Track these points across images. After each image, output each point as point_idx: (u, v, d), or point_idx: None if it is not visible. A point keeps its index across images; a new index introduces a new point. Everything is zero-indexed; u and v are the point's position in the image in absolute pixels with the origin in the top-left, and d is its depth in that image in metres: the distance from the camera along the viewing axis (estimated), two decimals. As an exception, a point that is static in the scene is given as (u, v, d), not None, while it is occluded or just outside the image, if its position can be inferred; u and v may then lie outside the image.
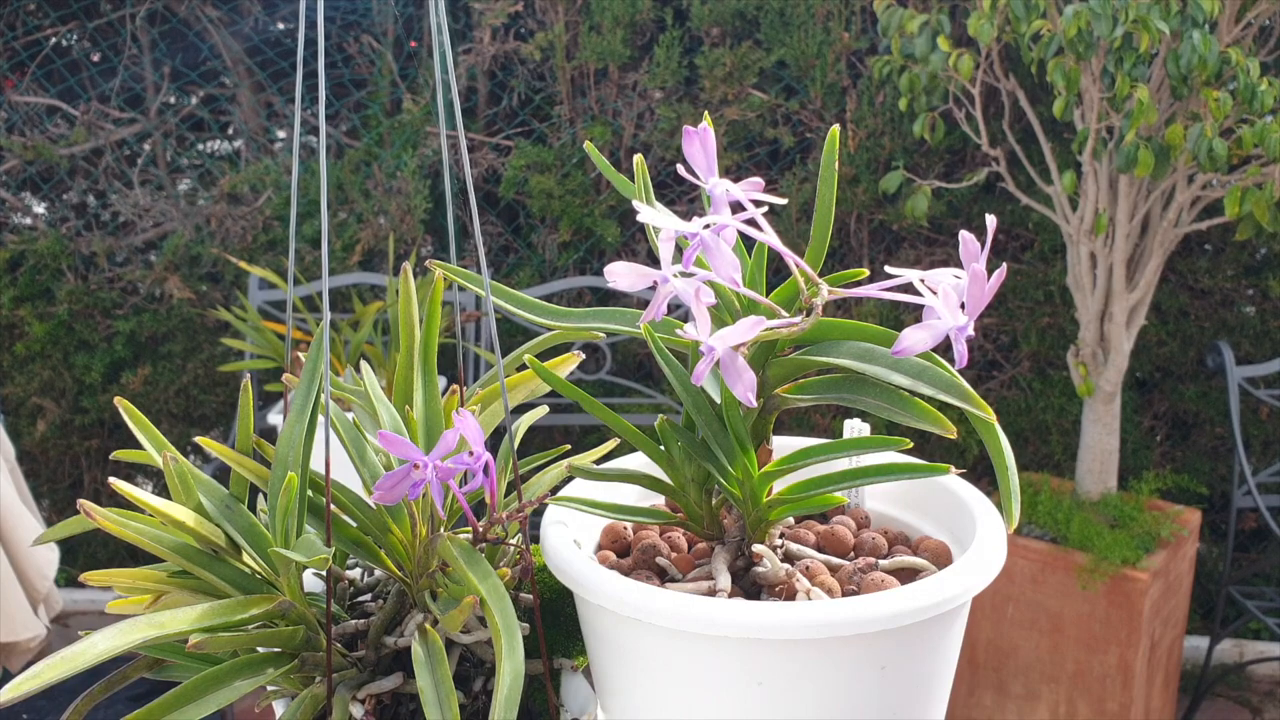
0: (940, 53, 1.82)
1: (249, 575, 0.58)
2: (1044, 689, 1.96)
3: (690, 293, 0.49)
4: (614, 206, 2.49)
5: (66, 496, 2.71)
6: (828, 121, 2.40)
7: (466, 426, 0.53)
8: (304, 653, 0.58)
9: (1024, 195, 1.99)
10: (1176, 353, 2.38)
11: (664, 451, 0.61)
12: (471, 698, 0.62)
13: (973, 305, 0.48)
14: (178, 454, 0.58)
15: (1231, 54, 1.59)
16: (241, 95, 2.63)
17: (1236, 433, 2.06)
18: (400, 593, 0.62)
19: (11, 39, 2.61)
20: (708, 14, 2.38)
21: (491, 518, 0.59)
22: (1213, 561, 2.43)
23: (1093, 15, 1.58)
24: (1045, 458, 2.43)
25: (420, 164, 2.50)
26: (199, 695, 0.53)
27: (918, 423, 0.52)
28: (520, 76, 2.54)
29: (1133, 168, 1.65)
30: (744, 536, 0.60)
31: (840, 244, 2.48)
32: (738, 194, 0.52)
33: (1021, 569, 1.91)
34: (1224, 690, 2.32)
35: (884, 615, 0.50)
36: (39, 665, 0.46)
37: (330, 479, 0.57)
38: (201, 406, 2.64)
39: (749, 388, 0.50)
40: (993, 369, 2.50)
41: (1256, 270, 2.33)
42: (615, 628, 0.55)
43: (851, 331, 0.56)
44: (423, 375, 0.64)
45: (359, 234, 2.52)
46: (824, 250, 0.57)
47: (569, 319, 0.62)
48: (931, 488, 0.66)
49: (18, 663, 1.78)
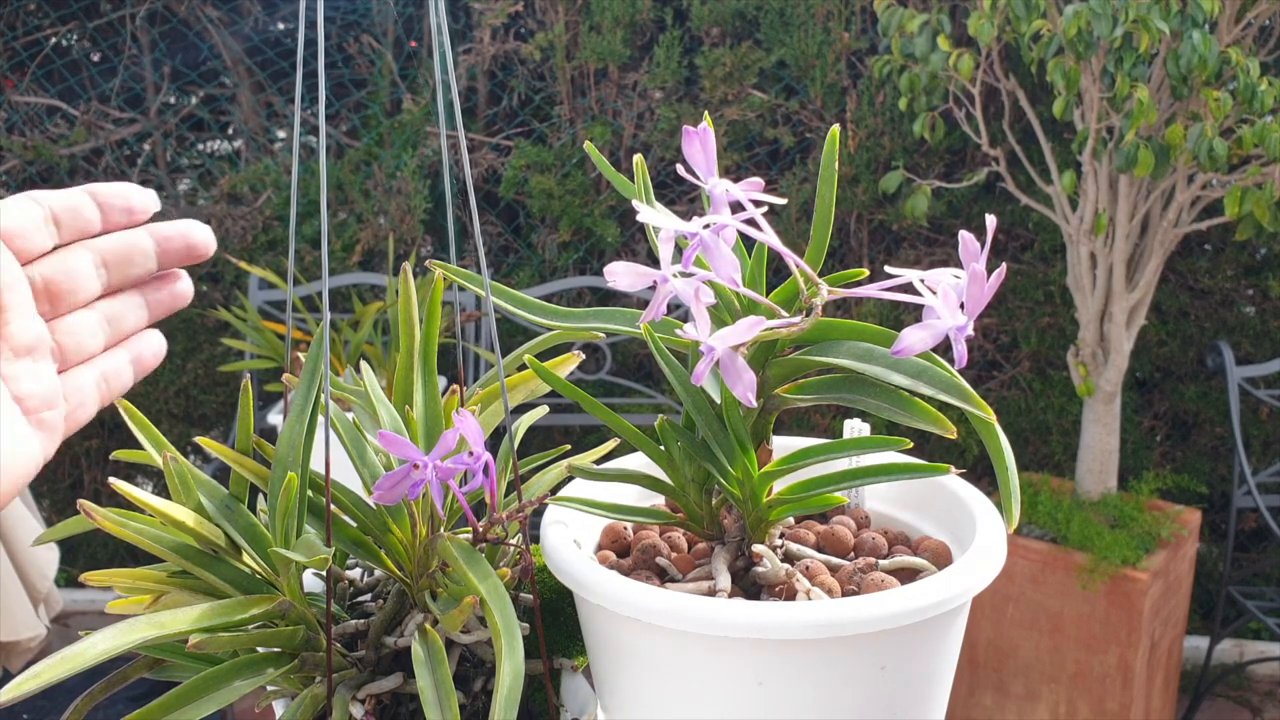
0: (940, 52, 1.82)
1: (249, 575, 0.58)
2: (1044, 689, 1.96)
3: (690, 293, 0.49)
4: (614, 206, 2.49)
5: (66, 496, 2.71)
6: (828, 121, 2.40)
7: (466, 426, 0.53)
8: (304, 653, 0.58)
9: (1024, 195, 1.99)
10: (1176, 353, 2.38)
11: (664, 451, 0.61)
12: (471, 698, 0.62)
13: (973, 305, 0.48)
14: (178, 454, 0.58)
15: (1231, 54, 1.59)
16: (241, 95, 2.63)
17: (1236, 433, 2.06)
18: (400, 593, 0.62)
19: (11, 39, 2.61)
20: (708, 14, 2.38)
21: (491, 518, 0.59)
22: (1213, 561, 2.43)
23: (1093, 15, 1.58)
24: (1045, 458, 2.43)
25: (420, 164, 2.50)
26: (199, 695, 0.53)
27: (918, 423, 0.52)
28: (520, 76, 2.54)
29: (1133, 168, 1.65)
30: (744, 536, 0.60)
31: (840, 244, 2.48)
32: (738, 194, 0.52)
33: (1021, 569, 1.91)
34: (1224, 690, 2.32)
35: (884, 615, 0.50)
36: (39, 665, 0.46)
37: (330, 479, 0.57)
38: (201, 406, 2.64)
39: (749, 388, 0.50)
40: (993, 369, 2.50)
41: (1256, 270, 2.33)
42: (615, 628, 0.55)
43: (851, 331, 0.56)
44: (423, 375, 0.64)
45: (359, 234, 2.52)
46: (824, 250, 0.57)
47: (569, 319, 0.62)
48: (931, 488, 0.66)
49: (18, 662, 1.79)
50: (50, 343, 0.46)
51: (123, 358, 0.50)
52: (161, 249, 0.49)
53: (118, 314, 0.49)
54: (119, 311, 0.49)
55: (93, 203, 0.47)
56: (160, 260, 0.49)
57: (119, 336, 0.50)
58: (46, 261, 0.46)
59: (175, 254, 0.50)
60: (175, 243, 0.49)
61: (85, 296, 0.48)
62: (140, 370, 0.50)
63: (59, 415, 0.46)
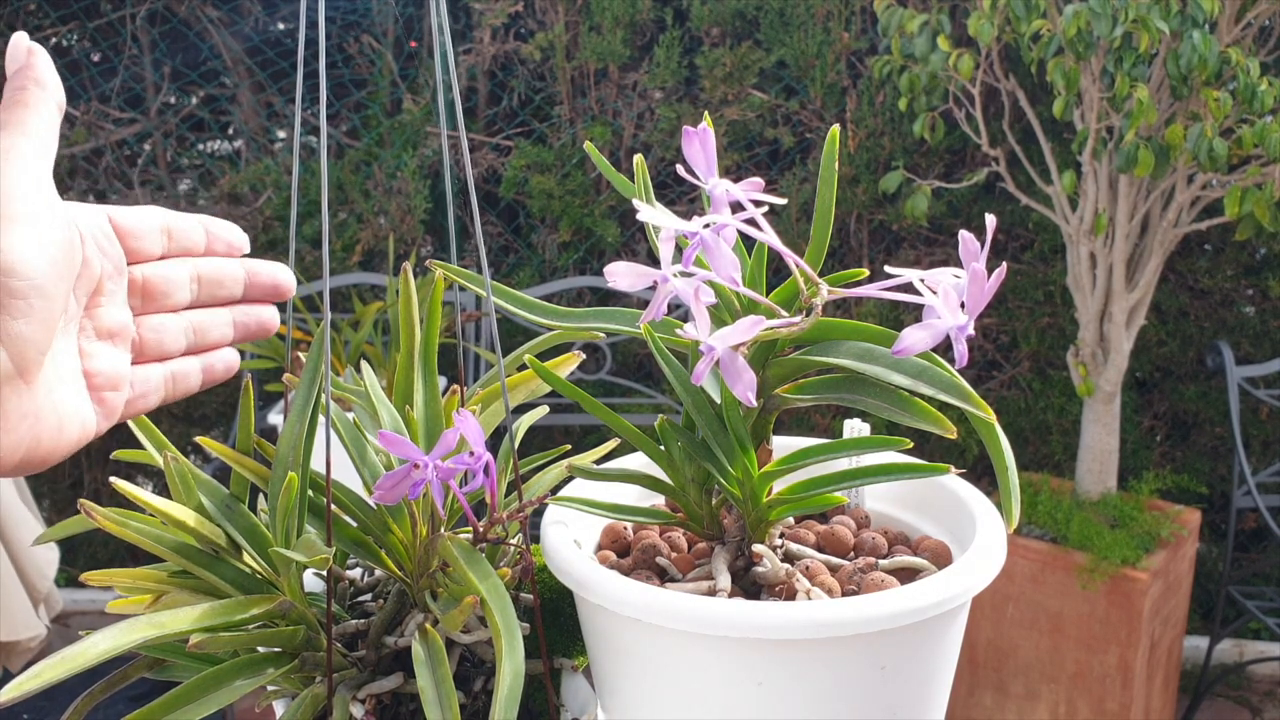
0: (940, 53, 1.82)
1: (249, 575, 0.58)
2: (1044, 689, 1.96)
3: (690, 292, 0.49)
4: (614, 206, 2.49)
5: (66, 496, 2.71)
6: (828, 121, 2.40)
7: (467, 426, 0.53)
8: (304, 653, 0.58)
9: (1024, 195, 1.99)
10: (1176, 353, 2.38)
11: (664, 451, 0.61)
12: (471, 698, 0.62)
13: (973, 305, 0.48)
14: (178, 454, 0.58)
15: (1231, 54, 1.59)
16: (241, 95, 2.63)
17: (1236, 433, 2.06)
18: (400, 593, 0.62)
19: (12, 39, 2.61)
20: (708, 14, 2.38)
21: (492, 518, 0.59)
22: (1213, 561, 2.43)
23: (1093, 15, 1.58)
24: (1045, 458, 2.43)
25: (420, 164, 2.50)
26: (199, 695, 0.53)
27: (918, 423, 0.52)
28: (520, 76, 2.54)
29: (1133, 168, 1.65)
30: (744, 536, 0.60)
31: (840, 244, 2.48)
32: (738, 194, 0.52)
33: (1021, 569, 1.92)
34: (1224, 690, 2.32)
35: (884, 615, 0.50)
36: (39, 665, 0.46)
37: (331, 479, 0.57)
38: (202, 406, 2.64)
39: (749, 388, 0.50)
40: (993, 369, 2.50)
41: (1256, 270, 2.33)
42: (615, 628, 0.55)
43: (851, 331, 0.56)
44: (423, 375, 0.64)
45: (359, 234, 2.52)
46: (824, 250, 0.57)
47: (569, 319, 0.62)
48: (931, 488, 0.66)
49: (18, 662, 1.79)
50: (133, 334, 0.51)
51: (194, 364, 0.54)
52: (250, 280, 0.55)
53: (204, 326, 0.54)
54: (206, 324, 0.54)
55: (203, 230, 0.54)
56: (247, 290, 0.55)
57: (201, 346, 0.54)
58: (151, 265, 0.52)
59: (261, 288, 0.56)
60: (263, 277, 0.56)
61: (175, 303, 0.53)
62: (209, 379, 0.55)
63: (120, 398, 0.50)
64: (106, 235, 0.49)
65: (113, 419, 0.49)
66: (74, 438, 0.46)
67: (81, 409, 0.47)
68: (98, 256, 0.48)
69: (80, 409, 0.47)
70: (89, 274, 0.47)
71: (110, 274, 0.49)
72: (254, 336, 0.56)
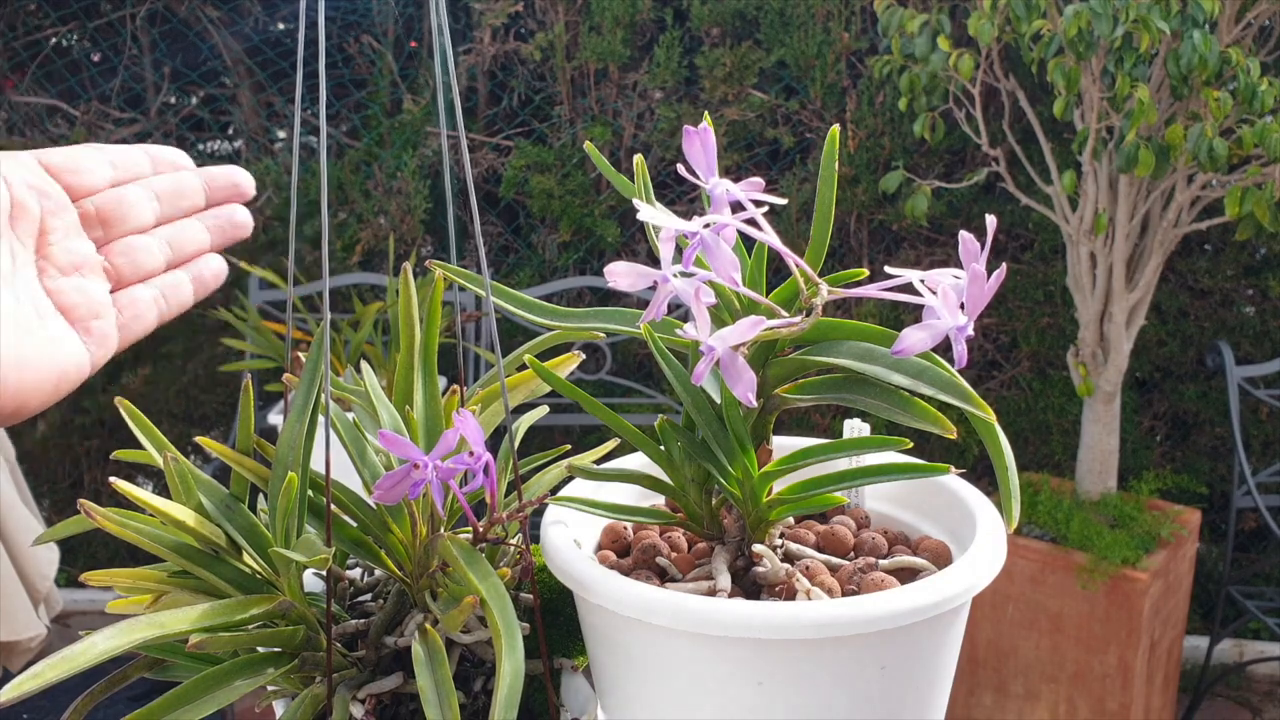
0: (940, 53, 1.82)
1: (249, 575, 0.58)
2: (1044, 689, 1.96)
3: (690, 293, 0.49)
4: (614, 206, 2.49)
5: (66, 496, 2.71)
6: (828, 121, 2.40)
7: (467, 426, 0.53)
8: (304, 653, 0.58)
9: (1024, 195, 1.99)
10: (1176, 353, 2.38)
11: (664, 451, 0.61)
12: (471, 697, 0.62)
13: (973, 305, 0.48)
14: (178, 454, 0.58)
15: (1231, 54, 1.59)
16: (241, 95, 2.63)
17: (1236, 433, 2.06)
18: (400, 593, 0.62)
19: (11, 39, 2.61)
20: (708, 14, 2.38)
21: (492, 518, 0.59)
22: (1213, 561, 2.43)
23: (1093, 15, 1.58)
24: (1045, 458, 2.43)
25: (420, 164, 2.50)
26: (199, 695, 0.53)
27: (918, 423, 0.52)
28: (520, 77, 2.54)
29: (1133, 168, 1.65)
30: (744, 536, 0.60)
31: (840, 244, 2.48)
32: (738, 194, 0.52)
33: (1021, 569, 1.92)
34: (1224, 690, 2.32)
35: (884, 615, 0.50)
36: (39, 665, 0.46)
37: (330, 479, 0.57)
38: (202, 406, 2.64)
39: (749, 388, 0.50)
40: (993, 369, 2.50)
41: (1256, 270, 2.33)
42: (615, 628, 0.55)
43: (851, 331, 0.56)
44: (423, 375, 0.64)
45: (359, 234, 2.52)
46: (824, 250, 0.57)
47: (569, 319, 0.62)
48: (931, 488, 0.66)
49: (18, 662, 1.78)
50: (102, 261, 0.51)
51: (182, 276, 0.54)
52: (210, 186, 0.55)
53: (177, 237, 0.54)
54: (179, 236, 0.54)
55: (147, 156, 0.54)
56: (209, 196, 0.55)
57: (180, 258, 0.54)
58: (102, 194, 0.52)
59: (223, 190, 0.56)
60: (220, 180, 0.56)
61: (140, 223, 0.53)
62: (200, 289, 0.55)
63: (109, 324, 0.50)
64: (39, 176, 0.49)
65: (109, 345, 0.50)
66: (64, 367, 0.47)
67: (61, 339, 0.48)
68: (32, 197, 0.48)
69: (60, 339, 0.48)
70: (27, 217, 0.48)
71: (53, 210, 0.49)
72: (232, 238, 0.56)
